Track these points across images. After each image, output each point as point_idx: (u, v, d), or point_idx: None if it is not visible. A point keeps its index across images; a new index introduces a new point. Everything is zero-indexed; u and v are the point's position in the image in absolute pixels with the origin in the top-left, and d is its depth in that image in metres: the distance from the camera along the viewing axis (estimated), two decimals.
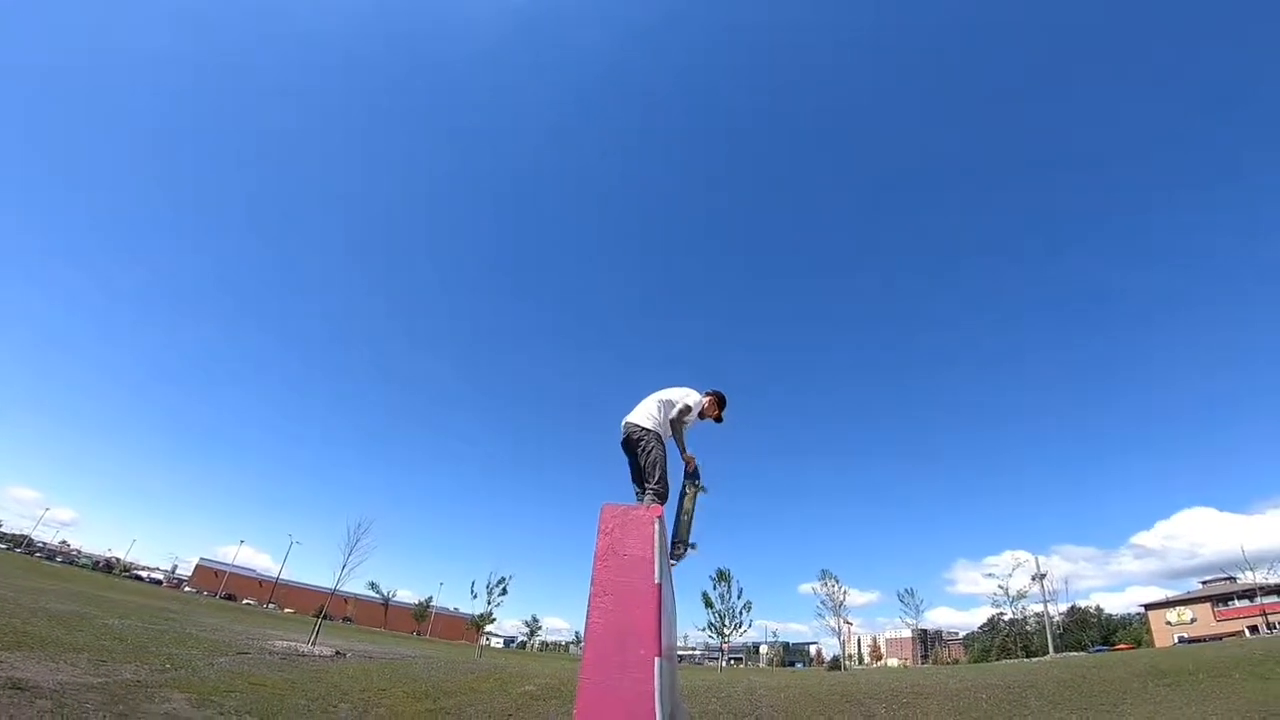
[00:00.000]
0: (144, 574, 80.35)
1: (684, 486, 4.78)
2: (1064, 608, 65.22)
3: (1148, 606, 60.34)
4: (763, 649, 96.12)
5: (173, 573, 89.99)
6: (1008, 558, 53.08)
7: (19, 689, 6.25)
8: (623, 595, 2.18)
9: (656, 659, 2.05)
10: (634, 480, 4.46)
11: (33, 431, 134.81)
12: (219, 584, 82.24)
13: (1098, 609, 78.13)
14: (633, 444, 4.31)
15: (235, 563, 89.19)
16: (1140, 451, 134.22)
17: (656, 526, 2.28)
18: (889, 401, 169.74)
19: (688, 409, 4.50)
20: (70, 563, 71.74)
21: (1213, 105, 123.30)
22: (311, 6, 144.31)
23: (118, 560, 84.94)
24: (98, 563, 79.00)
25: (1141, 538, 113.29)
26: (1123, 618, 74.20)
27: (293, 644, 16.93)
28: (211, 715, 6.96)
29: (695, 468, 4.82)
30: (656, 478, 4.14)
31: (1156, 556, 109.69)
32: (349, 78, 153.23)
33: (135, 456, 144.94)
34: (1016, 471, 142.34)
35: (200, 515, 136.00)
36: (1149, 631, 57.34)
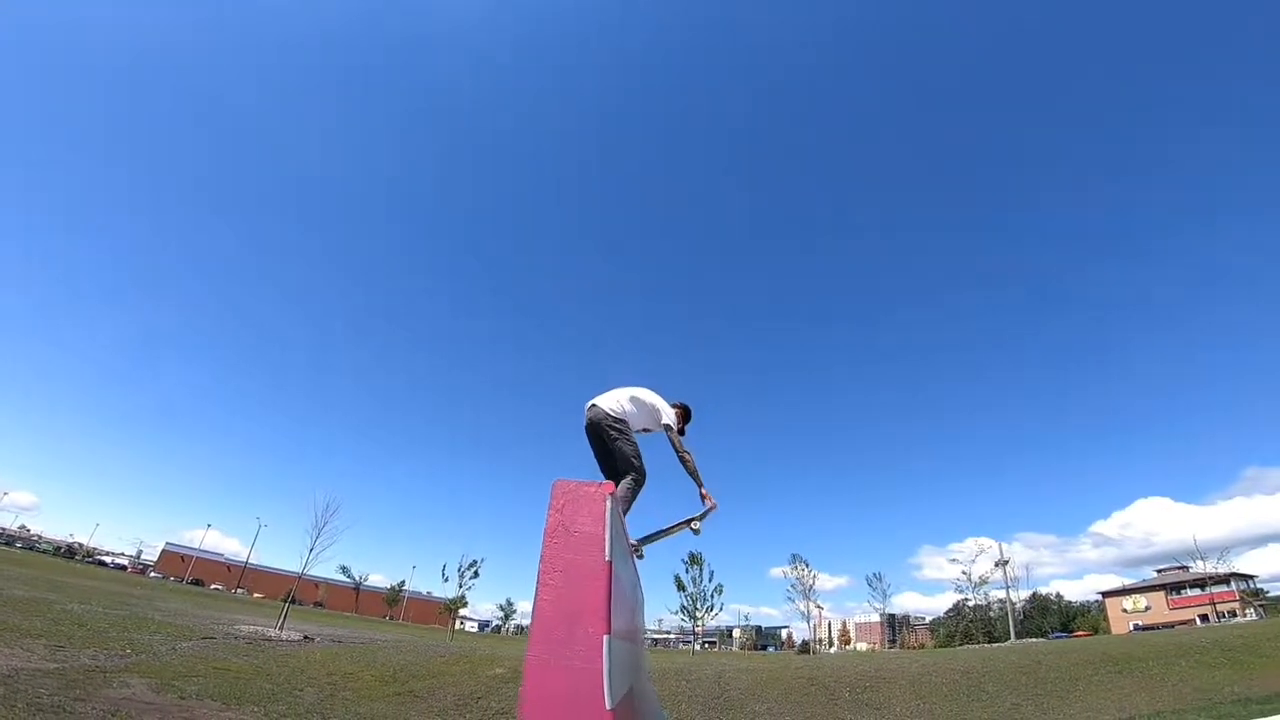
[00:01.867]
0: (108, 559, 78.61)
1: (691, 520, 4.80)
2: (1026, 594, 67.25)
3: (1105, 594, 62.31)
4: (735, 633, 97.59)
5: (138, 558, 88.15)
6: (971, 544, 54.41)
7: None
8: (572, 573, 2.18)
9: (605, 637, 2.06)
10: (600, 465, 4.45)
11: None
12: (186, 569, 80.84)
13: (1058, 596, 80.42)
14: (601, 430, 4.27)
15: (203, 547, 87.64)
16: (1101, 442, 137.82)
17: (608, 504, 2.27)
18: (859, 389, 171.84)
19: (669, 427, 4.48)
20: (31, 548, 69.89)
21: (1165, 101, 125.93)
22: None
23: (80, 545, 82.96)
24: (59, 548, 77.10)
25: (1100, 526, 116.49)
26: (1082, 605, 76.29)
27: (259, 629, 16.73)
28: (172, 700, 6.87)
29: (707, 512, 4.88)
30: (636, 467, 4.14)
31: (1114, 545, 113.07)
32: (324, 69, 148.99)
33: (97, 439, 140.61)
34: (980, 459, 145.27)
35: (166, 499, 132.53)
36: (1106, 619, 59.20)
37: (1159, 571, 59.53)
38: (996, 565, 50.69)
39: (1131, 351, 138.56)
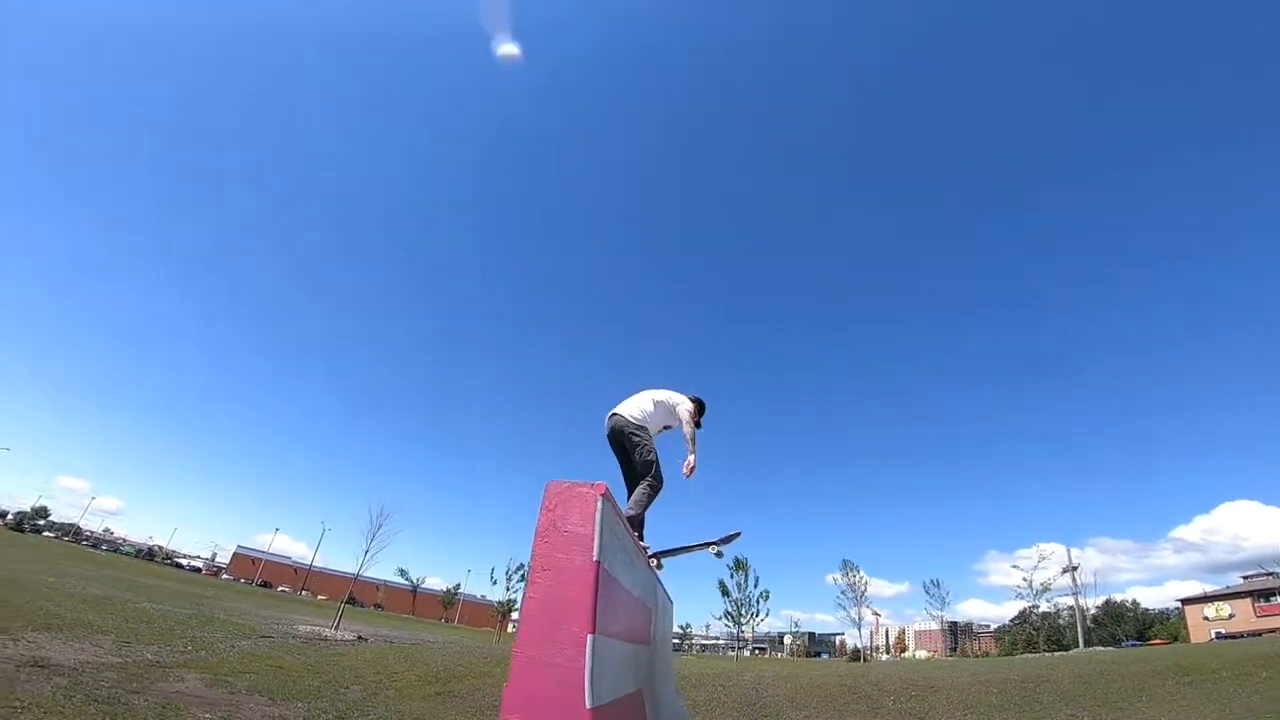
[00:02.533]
0: (184, 562, 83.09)
1: (713, 543, 4.87)
2: (1098, 601, 63.91)
3: (1184, 601, 58.62)
4: (786, 639, 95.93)
5: (212, 560, 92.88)
6: (1037, 549, 52.07)
7: (40, 667, 6.53)
8: (561, 572, 2.17)
9: (590, 637, 2.05)
10: (624, 471, 4.51)
11: (82, 421, 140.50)
12: (255, 571, 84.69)
13: (1134, 603, 76.34)
14: (623, 437, 4.34)
15: (271, 550, 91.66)
16: (1180, 443, 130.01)
17: (599, 504, 2.26)
18: (925, 394, 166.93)
19: (685, 422, 4.55)
20: (115, 550, 74.55)
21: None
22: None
23: (160, 548, 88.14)
24: (140, 551, 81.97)
25: (1181, 531, 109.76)
26: (1160, 612, 72.43)
27: (316, 629, 17.39)
28: (222, 694, 7.18)
29: (730, 537, 4.97)
30: (653, 473, 4.21)
31: (1198, 550, 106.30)
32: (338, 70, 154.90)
33: (178, 445, 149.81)
34: (1052, 461, 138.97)
35: (239, 504, 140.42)
36: (1185, 626, 55.74)
37: (1245, 578, 55.72)
38: (1064, 571, 48.26)
39: (1212, 347, 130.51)
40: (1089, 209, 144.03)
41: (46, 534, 72.02)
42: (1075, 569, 48.61)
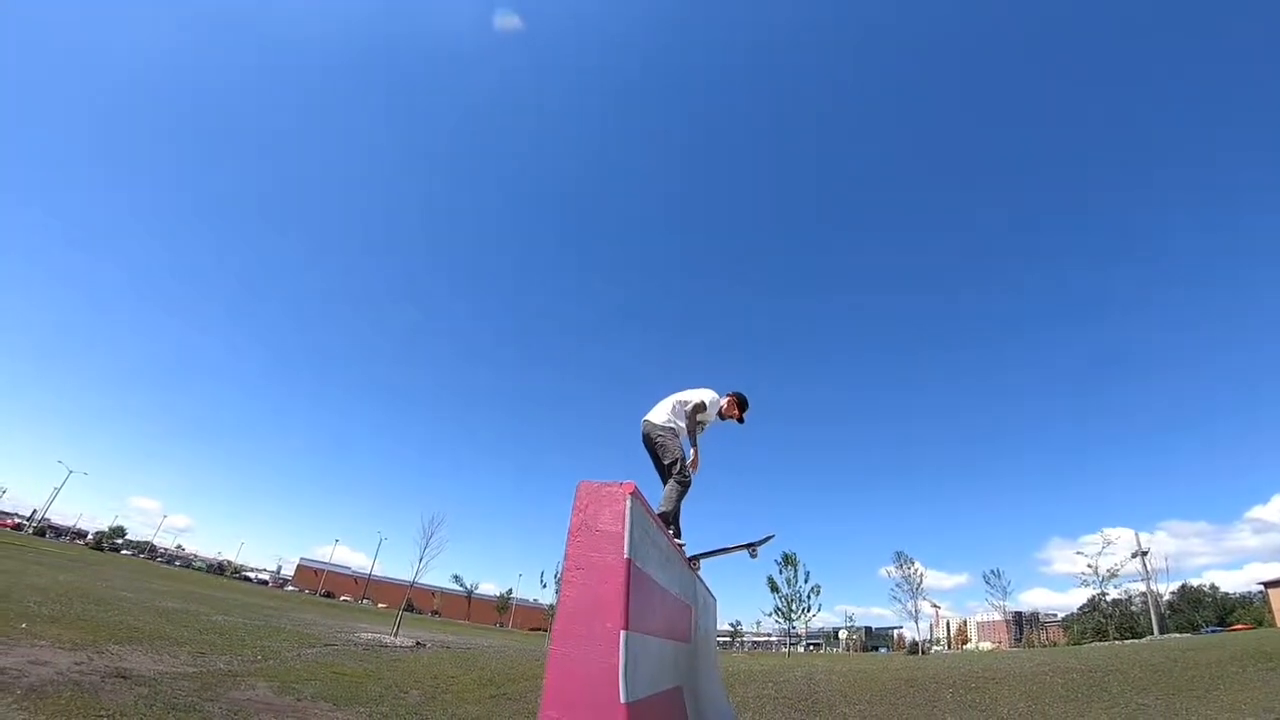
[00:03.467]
0: (251, 575, 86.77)
1: (749, 545, 5.02)
2: (1173, 587, 60.86)
3: (1267, 585, 55.22)
4: (841, 634, 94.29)
5: (278, 573, 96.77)
6: (1101, 534, 49.82)
7: (122, 678, 6.95)
8: (594, 570, 2.25)
9: (623, 633, 2.12)
10: (658, 473, 4.65)
11: (151, 445, 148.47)
12: (318, 582, 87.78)
13: (1212, 587, 72.51)
14: (651, 442, 4.55)
15: (333, 561, 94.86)
16: (1251, 418, 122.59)
17: (628, 503, 2.33)
18: (978, 376, 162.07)
19: (702, 406, 4.67)
20: (187, 566, 78.32)
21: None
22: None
23: (229, 563, 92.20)
24: (211, 566, 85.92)
25: (1259, 511, 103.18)
26: (1242, 596, 68.52)
27: (377, 636, 17.94)
28: (289, 701, 7.51)
29: (765, 539, 5.11)
30: (678, 470, 4.36)
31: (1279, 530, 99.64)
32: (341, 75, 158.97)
33: (238, 464, 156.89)
34: (1116, 444, 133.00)
35: (301, 517, 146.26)
36: (1269, 611, 52.53)
37: None
38: (1133, 556, 46.05)
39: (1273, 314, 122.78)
40: (1156, 210, 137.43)
41: (124, 552, 76.08)
42: (1145, 553, 46.41)
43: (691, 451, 4.60)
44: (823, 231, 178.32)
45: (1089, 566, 47.28)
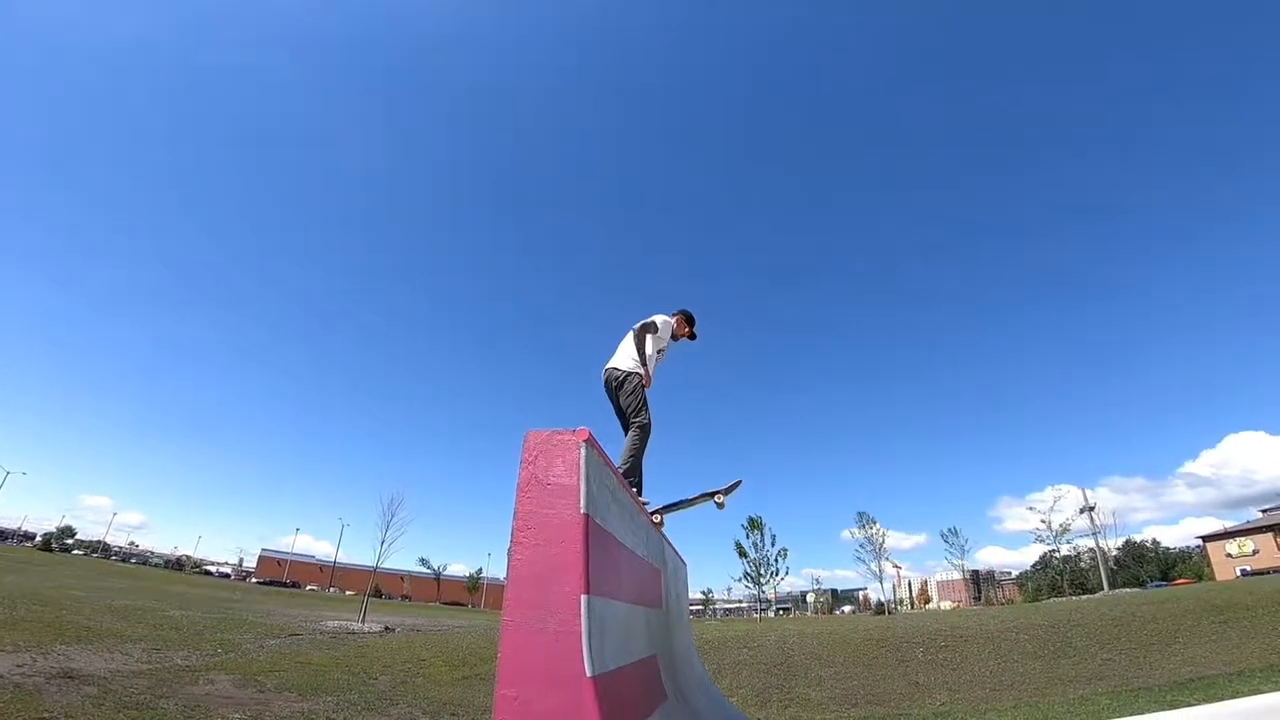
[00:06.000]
0: (213, 569, 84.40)
1: (714, 493, 4.68)
2: (1118, 542, 63.71)
3: (1205, 539, 58.27)
4: (810, 597, 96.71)
5: (240, 565, 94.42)
6: (1050, 491, 51.67)
7: (70, 678, 6.54)
8: (546, 529, 2.00)
9: (583, 597, 1.88)
10: (620, 422, 4.38)
11: (99, 440, 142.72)
12: (283, 572, 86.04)
13: (1154, 542, 75.92)
14: (613, 388, 4.24)
15: (295, 551, 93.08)
16: (1178, 375, 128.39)
17: (583, 452, 2.07)
18: (917, 342, 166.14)
19: (653, 326, 4.36)
20: (143, 563, 75.90)
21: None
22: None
23: (188, 558, 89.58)
24: (169, 561, 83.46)
25: (1190, 467, 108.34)
26: (1181, 551, 71.88)
27: (343, 623, 17.57)
28: (251, 694, 7.19)
29: (733, 486, 4.78)
30: (638, 411, 4.08)
31: (1212, 486, 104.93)
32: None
33: (191, 458, 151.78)
34: (1052, 402, 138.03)
35: (258, 509, 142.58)
36: (1209, 565, 55.46)
37: (1264, 511, 55.19)
38: (1081, 512, 47.99)
39: (1196, 272, 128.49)
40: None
41: (76, 552, 73.22)
42: (1092, 508, 48.32)
43: (642, 370, 4.23)
44: (775, 200, 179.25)
45: (1042, 522, 49.21)
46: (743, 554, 44.06)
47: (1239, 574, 46.12)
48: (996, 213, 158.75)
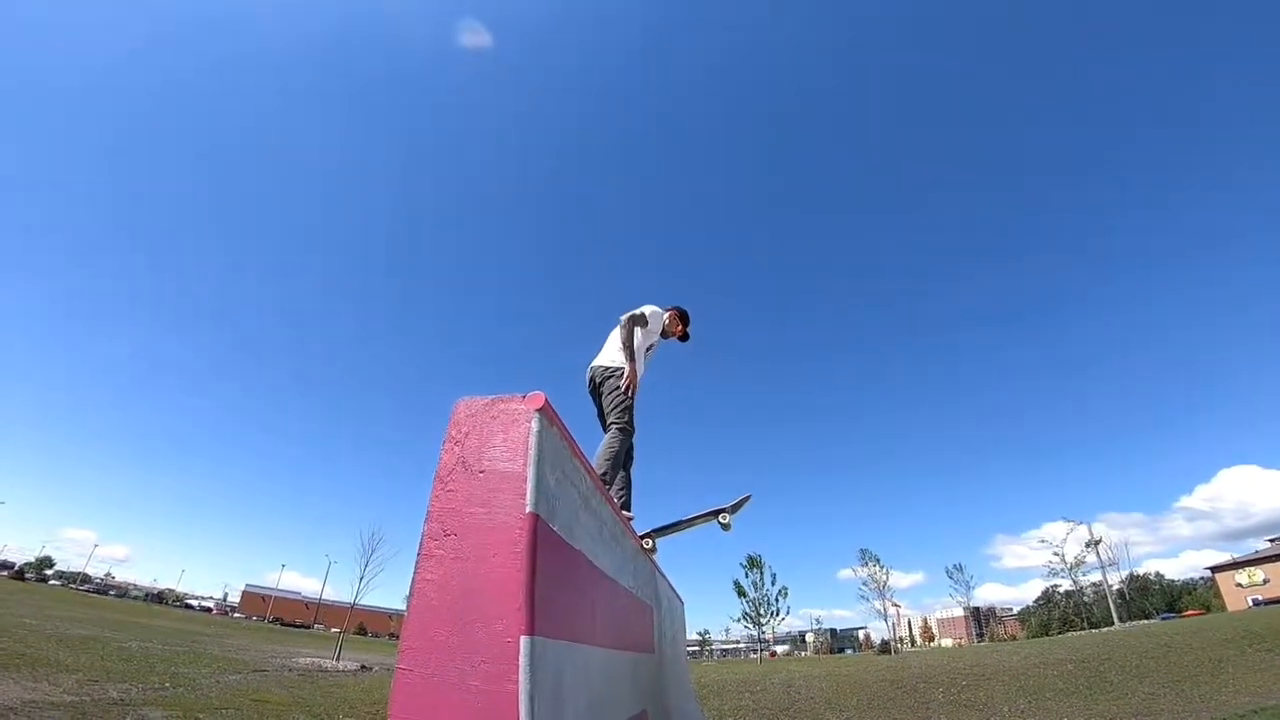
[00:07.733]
0: (195, 603, 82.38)
1: (719, 511, 4.18)
2: (1123, 576, 62.73)
3: (1214, 569, 57.32)
4: (809, 637, 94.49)
5: (224, 600, 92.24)
6: (1058, 526, 51.10)
7: None
8: (471, 535, 1.24)
9: (524, 639, 1.10)
10: (601, 425, 3.73)
11: (84, 475, 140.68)
12: (266, 608, 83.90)
13: (1158, 575, 75.14)
14: (596, 386, 3.61)
15: (280, 587, 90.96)
16: (1169, 412, 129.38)
17: (535, 426, 1.32)
18: (909, 384, 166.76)
19: (643, 318, 3.71)
20: (123, 596, 73.72)
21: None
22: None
23: (169, 591, 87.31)
24: (150, 594, 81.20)
25: (1186, 501, 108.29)
26: (1185, 583, 71.18)
27: (317, 660, 16.54)
28: None
29: (741, 503, 4.31)
30: (619, 410, 3.46)
31: (1210, 519, 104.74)
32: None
33: (182, 491, 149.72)
34: (1043, 442, 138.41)
35: (244, 545, 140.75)
36: (1217, 595, 54.46)
37: (1271, 541, 54.51)
38: (1087, 546, 47.20)
39: (1188, 313, 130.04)
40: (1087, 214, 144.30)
41: (52, 582, 71.18)
42: (1098, 542, 47.57)
43: (626, 367, 3.56)
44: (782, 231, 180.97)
45: (1055, 555, 48.30)
46: (742, 593, 42.71)
47: (1251, 604, 45.08)
48: (986, 235, 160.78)
